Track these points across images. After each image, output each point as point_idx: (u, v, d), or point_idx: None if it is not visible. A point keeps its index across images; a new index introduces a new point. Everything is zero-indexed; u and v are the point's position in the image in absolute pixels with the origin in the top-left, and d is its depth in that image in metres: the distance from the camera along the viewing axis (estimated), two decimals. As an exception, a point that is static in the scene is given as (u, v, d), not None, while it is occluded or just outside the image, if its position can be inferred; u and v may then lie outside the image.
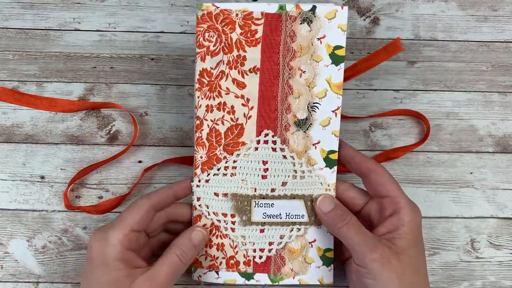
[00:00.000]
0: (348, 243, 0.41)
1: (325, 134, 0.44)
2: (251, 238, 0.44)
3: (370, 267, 0.38)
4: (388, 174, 0.43)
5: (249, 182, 0.44)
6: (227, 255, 0.45)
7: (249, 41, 0.43)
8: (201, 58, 0.43)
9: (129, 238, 0.39)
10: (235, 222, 0.44)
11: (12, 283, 0.48)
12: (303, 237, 0.45)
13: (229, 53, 0.43)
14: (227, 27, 0.43)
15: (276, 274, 0.45)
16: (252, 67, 0.43)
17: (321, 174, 0.44)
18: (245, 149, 0.44)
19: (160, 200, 0.42)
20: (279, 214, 0.44)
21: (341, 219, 0.41)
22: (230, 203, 0.44)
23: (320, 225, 0.44)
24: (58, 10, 0.56)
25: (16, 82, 0.53)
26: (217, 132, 0.44)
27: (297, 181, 0.44)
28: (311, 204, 0.44)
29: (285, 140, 0.44)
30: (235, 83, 0.44)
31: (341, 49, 0.43)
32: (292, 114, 0.43)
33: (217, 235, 0.44)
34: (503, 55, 0.56)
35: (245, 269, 0.45)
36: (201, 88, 0.44)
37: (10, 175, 0.51)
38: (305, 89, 0.43)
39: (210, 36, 0.43)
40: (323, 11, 0.42)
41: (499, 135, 0.53)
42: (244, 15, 0.43)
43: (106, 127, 0.53)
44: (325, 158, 0.44)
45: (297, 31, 0.43)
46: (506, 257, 0.50)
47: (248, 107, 0.44)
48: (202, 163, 0.44)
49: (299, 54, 0.43)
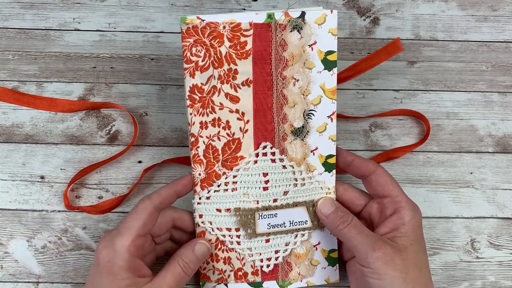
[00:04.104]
0: (350, 244, 0.41)
1: (322, 140, 0.44)
2: (257, 249, 0.44)
3: (374, 266, 0.39)
4: (388, 174, 0.43)
5: (251, 195, 0.43)
6: (235, 268, 0.44)
7: (239, 54, 0.41)
8: (190, 74, 0.41)
9: (136, 244, 0.39)
10: (240, 236, 0.44)
11: (12, 283, 0.48)
12: (308, 241, 0.45)
13: (220, 67, 0.41)
14: (215, 41, 0.41)
15: (284, 280, 0.45)
16: (245, 80, 0.42)
17: (320, 179, 0.44)
18: (244, 163, 0.43)
19: (162, 199, 0.42)
20: (283, 223, 0.44)
21: (342, 220, 0.41)
22: (233, 218, 0.43)
23: (323, 228, 0.44)
24: (58, 10, 0.56)
25: (16, 82, 0.53)
26: (214, 148, 0.43)
27: (298, 188, 0.44)
28: (313, 209, 0.44)
29: (283, 150, 0.43)
30: (228, 98, 0.42)
31: (333, 54, 0.42)
32: (288, 124, 0.43)
33: (223, 249, 0.44)
34: (503, 55, 0.56)
35: (254, 279, 0.45)
36: (193, 104, 0.42)
37: (10, 175, 0.51)
38: (300, 97, 0.43)
39: (198, 51, 0.41)
40: (313, 16, 0.41)
41: (499, 135, 0.53)
42: (232, 27, 0.41)
43: (106, 127, 0.53)
44: (323, 163, 0.44)
45: (288, 39, 0.41)
46: (506, 257, 0.50)
47: (244, 121, 0.43)
48: (201, 180, 0.43)
49: (291, 63, 0.42)
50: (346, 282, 0.47)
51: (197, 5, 0.57)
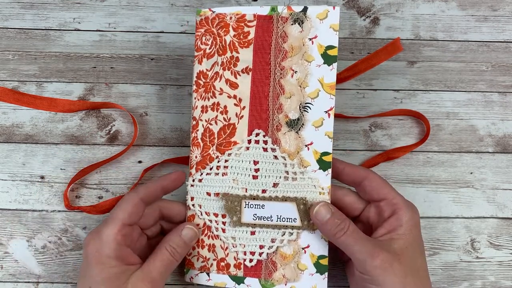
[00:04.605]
0: (348, 252, 0.40)
1: (318, 135, 0.43)
2: (242, 240, 0.44)
3: (373, 274, 0.38)
4: (380, 177, 0.43)
5: (240, 182, 0.44)
6: (218, 257, 0.44)
7: (241, 43, 0.44)
8: (198, 61, 0.45)
9: (122, 233, 0.40)
10: (226, 223, 0.44)
11: (12, 283, 0.48)
12: (296, 242, 0.43)
13: (223, 54, 0.44)
14: (221, 30, 0.44)
15: (267, 280, 0.44)
16: (245, 67, 0.44)
17: (314, 176, 0.43)
18: (237, 149, 0.44)
19: (148, 192, 0.42)
20: (270, 216, 0.43)
21: (339, 228, 0.40)
22: (221, 202, 0.44)
23: (314, 230, 0.43)
24: (58, 10, 0.56)
25: (16, 82, 0.53)
26: (210, 132, 0.44)
27: (289, 182, 0.43)
28: (304, 207, 0.43)
29: (276, 140, 0.43)
30: (228, 84, 0.44)
31: (333, 49, 0.43)
32: (283, 114, 0.43)
33: (209, 235, 0.45)
34: (503, 55, 0.56)
35: (236, 272, 0.44)
36: (198, 89, 0.45)
37: (10, 175, 0.51)
38: (297, 89, 0.43)
39: (207, 40, 0.44)
40: (315, 11, 0.43)
41: (499, 135, 0.53)
42: (238, 17, 0.44)
43: (106, 127, 0.53)
44: (318, 160, 0.43)
45: (289, 31, 0.43)
46: (506, 257, 0.50)
47: (240, 107, 0.44)
48: (196, 162, 0.45)
49: (290, 54, 0.43)
50: (345, 282, 0.47)
51: (197, 5, 0.57)
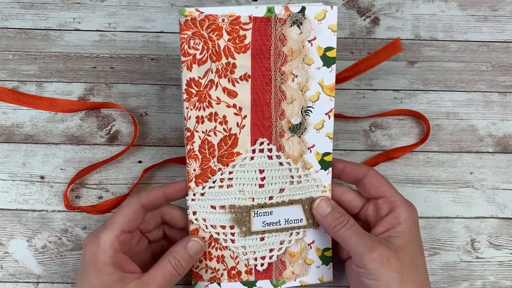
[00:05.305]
0: (346, 245, 0.41)
1: (320, 137, 0.43)
2: (252, 247, 0.44)
3: (370, 268, 0.39)
4: (380, 175, 0.43)
5: (247, 192, 0.43)
6: (228, 266, 0.44)
7: (238, 48, 0.41)
8: (187, 67, 0.41)
9: (120, 240, 0.39)
10: (235, 234, 0.43)
11: (12, 283, 0.48)
12: (302, 240, 0.44)
13: (218, 61, 0.41)
14: (213, 34, 0.40)
15: (278, 279, 0.44)
16: (243, 74, 0.42)
17: (316, 176, 0.44)
18: (241, 159, 0.43)
19: (150, 199, 0.41)
20: (278, 221, 0.43)
21: (339, 222, 0.41)
22: (228, 215, 0.43)
23: (318, 226, 0.44)
24: (58, 10, 0.56)
25: (16, 82, 0.53)
26: (209, 143, 0.42)
27: (294, 186, 0.43)
28: (308, 207, 0.44)
29: (280, 147, 0.43)
30: (225, 92, 0.42)
31: (332, 51, 0.42)
32: (286, 120, 0.43)
33: (216, 247, 0.44)
34: (503, 55, 0.56)
35: (247, 278, 0.44)
36: (190, 98, 0.41)
37: (10, 175, 0.51)
38: (298, 93, 0.42)
39: (196, 44, 0.40)
40: (313, 12, 0.41)
41: (499, 135, 0.53)
42: (231, 20, 0.40)
43: (106, 127, 0.53)
44: (320, 160, 0.44)
45: (287, 34, 0.41)
46: (506, 257, 0.50)
47: (241, 116, 0.42)
48: (196, 176, 0.43)
49: (290, 58, 0.41)
50: (345, 282, 0.47)
51: (197, 5, 0.57)
